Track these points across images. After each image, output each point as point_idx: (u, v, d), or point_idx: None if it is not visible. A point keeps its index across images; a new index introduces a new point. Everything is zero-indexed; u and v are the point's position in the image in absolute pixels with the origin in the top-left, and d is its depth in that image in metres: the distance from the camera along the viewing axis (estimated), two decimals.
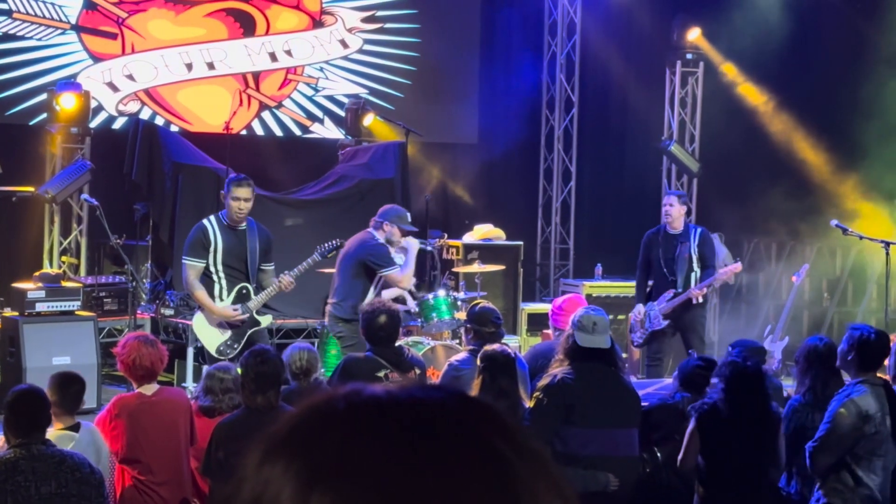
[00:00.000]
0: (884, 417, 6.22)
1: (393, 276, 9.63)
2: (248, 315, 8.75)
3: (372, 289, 9.58)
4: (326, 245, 9.39)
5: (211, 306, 8.65)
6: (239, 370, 7.01)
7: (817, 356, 6.69)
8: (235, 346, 8.69)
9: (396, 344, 7.52)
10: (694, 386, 7.02)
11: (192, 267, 8.69)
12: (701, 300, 10.80)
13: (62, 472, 5.17)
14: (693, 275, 10.90)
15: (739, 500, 6.24)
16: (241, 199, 8.76)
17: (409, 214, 10.19)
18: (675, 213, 11.11)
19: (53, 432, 5.99)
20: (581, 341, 6.45)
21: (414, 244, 9.86)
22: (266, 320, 9.04)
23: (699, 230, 11.19)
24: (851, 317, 13.91)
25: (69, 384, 6.15)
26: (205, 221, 8.88)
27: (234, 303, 8.73)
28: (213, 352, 8.71)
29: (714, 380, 6.41)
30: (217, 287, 8.72)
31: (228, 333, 8.72)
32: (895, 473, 6.35)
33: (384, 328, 7.21)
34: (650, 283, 11.22)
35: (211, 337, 8.73)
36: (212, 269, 8.71)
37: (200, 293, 8.67)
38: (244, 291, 8.79)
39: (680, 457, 6.34)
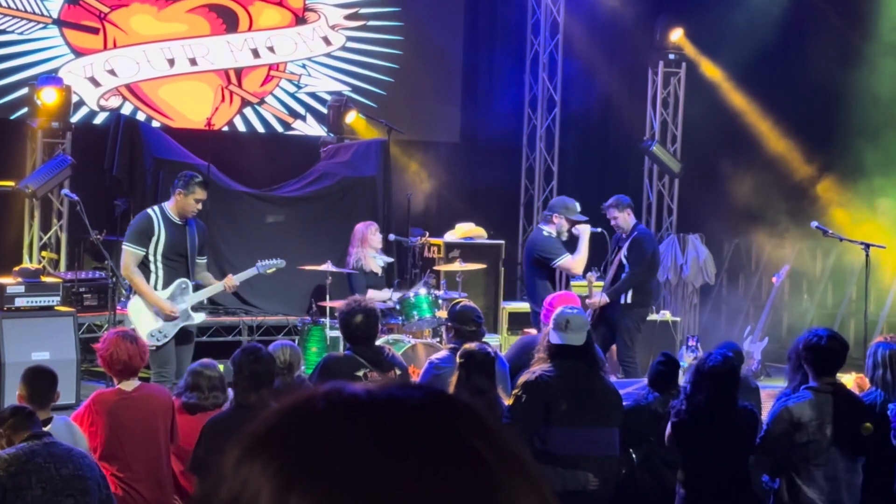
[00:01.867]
0: (821, 426, 6.09)
1: (565, 265, 10.39)
2: (185, 309, 8.94)
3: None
4: (267, 262, 9.67)
5: (149, 294, 8.84)
6: (221, 368, 7.01)
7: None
8: (166, 335, 8.86)
9: (377, 343, 7.51)
10: (660, 384, 7.07)
11: (133, 254, 8.87)
12: (621, 300, 10.71)
13: (74, 457, 5.23)
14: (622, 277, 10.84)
15: (718, 499, 6.25)
16: (202, 199, 9.06)
17: (577, 204, 10.46)
18: (621, 222, 11.06)
19: None
20: (553, 338, 6.47)
21: (585, 231, 10.37)
22: (199, 317, 9.22)
23: (634, 234, 10.89)
24: (831, 318, 13.98)
25: (38, 378, 6.12)
26: (150, 211, 9.06)
27: (172, 295, 8.91)
28: (144, 336, 8.70)
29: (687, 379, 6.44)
30: (153, 277, 8.92)
31: (161, 322, 8.87)
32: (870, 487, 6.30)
33: (360, 327, 7.19)
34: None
35: (144, 323, 8.86)
36: (150, 258, 8.91)
37: (139, 279, 8.85)
38: (183, 286, 8.99)
39: (666, 443, 6.40)
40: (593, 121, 16.24)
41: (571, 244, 10.55)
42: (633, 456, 6.92)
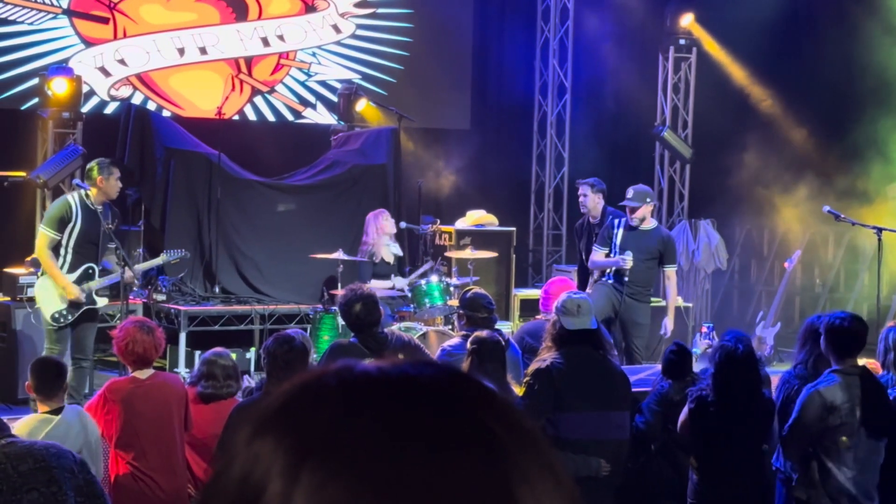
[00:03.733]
0: (852, 409, 6.14)
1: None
2: (87, 294, 9.25)
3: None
4: (173, 252, 10.18)
5: (59, 277, 9.16)
6: (234, 356, 7.02)
7: (812, 332, 6.69)
8: (69, 317, 9.21)
9: (386, 329, 7.50)
10: (672, 372, 7.08)
11: (48, 237, 9.18)
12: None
13: (35, 451, 5.18)
14: None
15: (732, 485, 6.27)
16: (120, 183, 9.47)
17: (630, 190, 10.51)
18: (589, 203, 11.03)
19: (33, 417, 5.99)
20: (567, 325, 6.47)
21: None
22: (102, 302, 9.48)
23: (611, 218, 10.77)
24: (844, 303, 13.95)
25: (45, 370, 6.13)
26: (69, 197, 9.37)
27: (78, 279, 9.22)
28: (47, 317, 9.22)
29: (707, 366, 6.44)
30: (61, 261, 9.22)
31: (66, 304, 9.19)
32: (885, 466, 6.33)
33: (360, 315, 7.18)
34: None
35: (50, 303, 9.20)
36: (62, 243, 9.21)
37: (52, 262, 9.17)
38: (90, 271, 9.31)
39: (678, 430, 6.41)
40: (604, 107, 16.22)
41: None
42: (651, 445, 6.93)
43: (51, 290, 9.19)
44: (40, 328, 10.14)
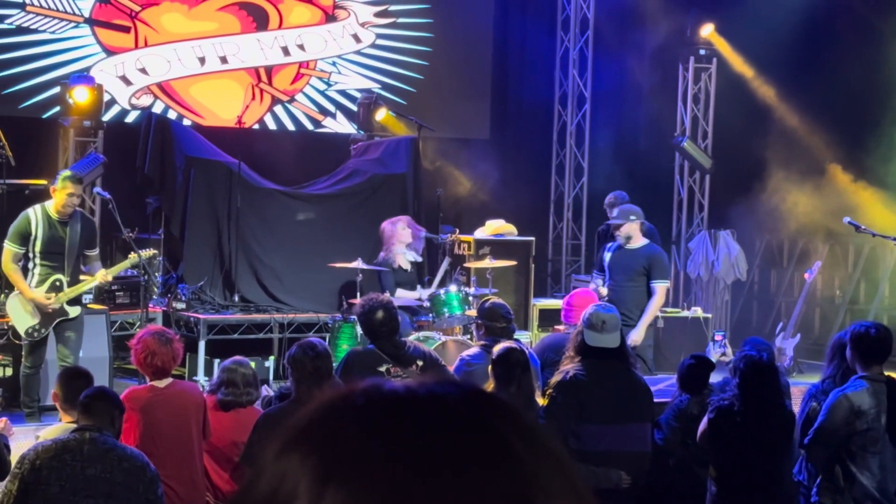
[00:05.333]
0: (878, 415, 6.17)
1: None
2: (59, 305, 9.28)
3: None
4: (143, 251, 10.04)
5: (25, 289, 9.23)
6: (253, 365, 7.02)
7: (840, 348, 6.67)
8: (43, 330, 9.30)
9: (402, 339, 7.50)
10: (689, 385, 7.02)
11: (10, 252, 9.25)
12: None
13: (108, 458, 5.25)
14: None
15: (753, 496, 6.25)
16: (75, 195, 9.35)
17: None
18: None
19: (59, 426, 6.01)
20: (589, 340, 6.45)
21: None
22: (74, 311, 9.44)
23: (603, 229, 10.87)
24: (864, 314, 13.90)
25: (73, 379, 6.17)
26: (30, 211, 9.40)
27: (46, 292, 9.26)
28: (21, 332, 9.32)
29: (728, 377, 6.42)
30: (30, 275, 9.30)
31: (38, 318, 9.27)
32: None
33: (384, 323, 7.19)
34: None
35: (22, 318, 9.30)
36: (29, 256, 9.29)
37: (17, 276, 9.27)
38: (57, 283, 9.32)
39: (697, 440, 6.40)
40: (624, 117, 16.21)
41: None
42: (669, 459, 6.90)
43: (22, 305, 9.29)
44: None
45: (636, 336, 9.72)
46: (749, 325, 15.16)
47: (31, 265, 9.33)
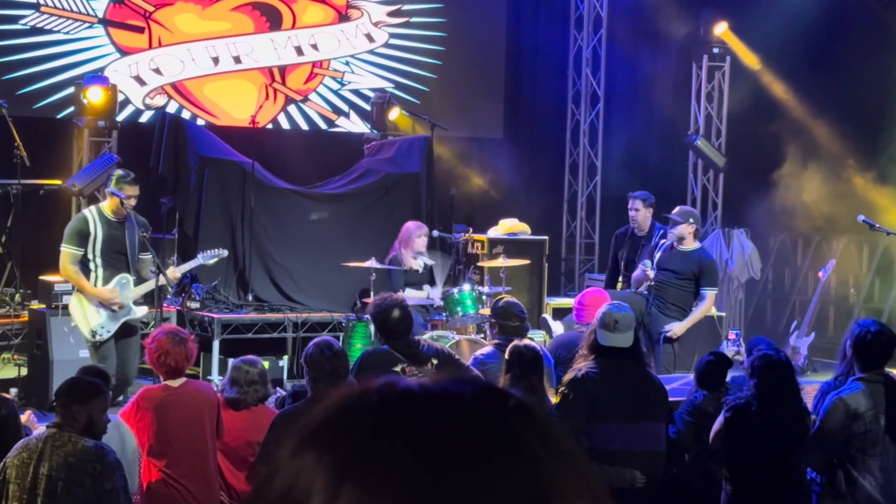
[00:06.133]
0: (876, 416, 6.09)
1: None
2: (126, 303, 9.16)
3: None
4: (210, 252, 10.00)
5: (88, 288, 9.08)
6: (266, 364, 7.03)
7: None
8: (109, 329, 9.12)
9: (416, 338, 7.49)
10: (709, 382, 7.00)
11: (70, 254, 9.09)
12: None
13: (57, 455, 5.23)
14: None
15: (767, 496, 6.22)
16: (133, 196, 9.23)
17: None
18: (640, 217, 11.07)
19: None
20: (602, 339, 6.43)
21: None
22: (141, 311, 9.37)
23: (662, 232, 10.86)
24: (878, 313, 13.85)
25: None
26: (85, 212, 9.32)
27: (112, 289, 9.14)
28: (86, 334, 9.15)
29: (745, 377, 6.38)
30: (93, 276, 9.14)
31: (104, 317, 9.11)
32: None
33: (400, 322, 7.18)
34: (620, 281, 11.19)
35: (86, 319, 9.13)
36: (89, 257, 9.12)
37: (78, 276, 9.09)
38: (124, 281, 9.19)
39: (710, 443, 6.36)
40: (637, 115, 16.18)
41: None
42: (685, 456, 6.88)
43: (85, 305, 9.12)
44: (76, 336, 10.21)
45: (678, 329, 10.09)
46: (763, 323, 15.12)
47: (92, 266, 9.13)
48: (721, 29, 15.01)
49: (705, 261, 10.34)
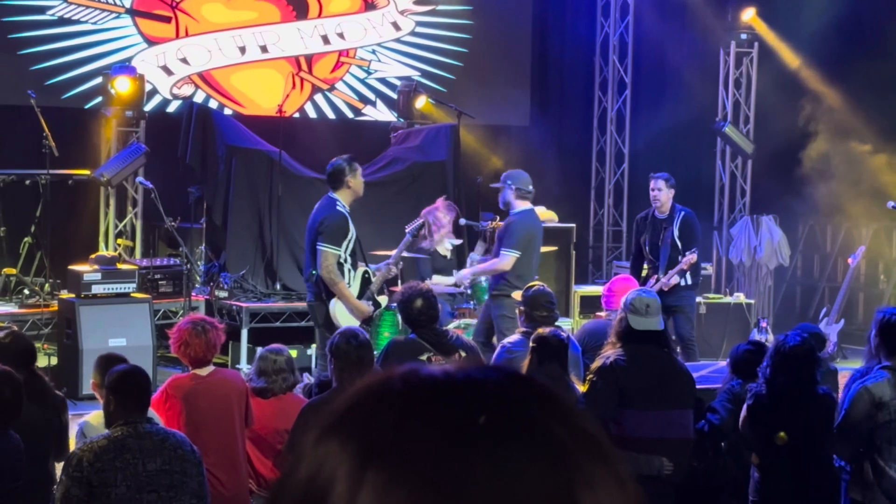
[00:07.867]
0: None
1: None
2: (371, 301, 8.98)
3: None
4: (413, 225, 9.62)
5: (351, 298, 8.78)
6: (294, 353, 7.03)
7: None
8: (366, 328, 8.85)
9: (444, 328, 7.50)
10: (744, 371, 6.96)
11: (333, 254, 8.75)
12: (681, 282, 10.55)
13: (165, 449, 5.25)
14: (680, 258, 10.61)
15: (794, 482, 6.20)
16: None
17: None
18: (662, 197, 10.96)
19: (100, 413, 6.03)
20: (634, 324, 6.42)
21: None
22: (383, 299, 9.23)
23: (682, 213, 10.82)
24: None
25: (111, 366, 6.16)
26: (341, 209, 8.92)
27: (361, 286, 8.89)
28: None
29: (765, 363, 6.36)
30: (347, 277, 8.85)
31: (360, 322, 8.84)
32: None
33: (423, 311, 7.18)
34: (646, 266, 11.08)
35: (350, 323, 8.80)
36: (342, 257, 8.83)
37: (343, 285, 8.76)
38: (366, 275, 9.00)
39: (739, 427, 6.35)
40: (664, 102, 16.11)
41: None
42: (721, 444, 6.86)
43: (346, 311, 8.83)
44: (105, 325, 10.27)
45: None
46: (792, 310, 15.07)
47: (346, 266, 8.82)
48: (749, 15, 14.93)
49: (509, 221, 10.11)
